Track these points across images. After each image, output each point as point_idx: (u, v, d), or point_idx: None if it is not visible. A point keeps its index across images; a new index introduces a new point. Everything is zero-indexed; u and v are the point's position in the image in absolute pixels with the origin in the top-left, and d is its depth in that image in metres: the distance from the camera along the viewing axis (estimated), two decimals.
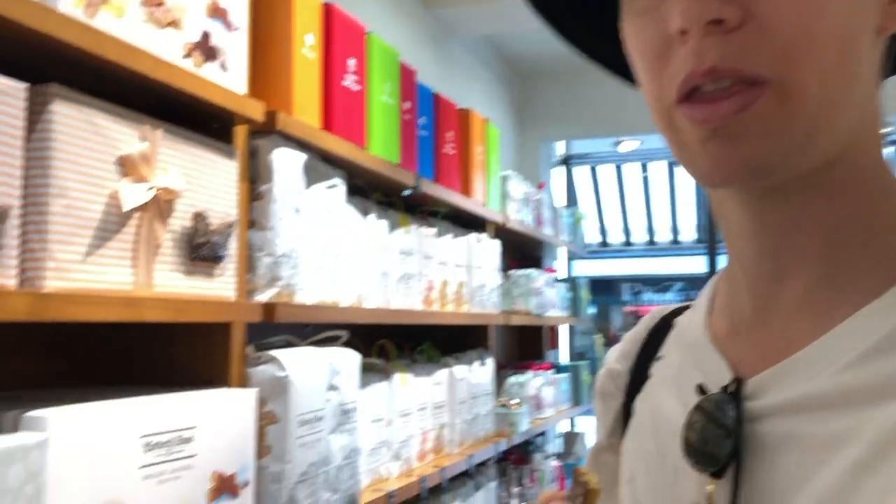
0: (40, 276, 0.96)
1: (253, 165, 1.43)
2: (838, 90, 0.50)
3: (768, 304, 0.57)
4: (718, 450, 0.53)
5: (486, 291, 2.58)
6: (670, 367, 0.65)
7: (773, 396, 0.53)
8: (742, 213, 0.56)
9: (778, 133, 0.48)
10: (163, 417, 1.09)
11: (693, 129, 0.50)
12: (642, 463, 0.63)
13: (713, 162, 0.50)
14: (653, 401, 0.65)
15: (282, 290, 1.43)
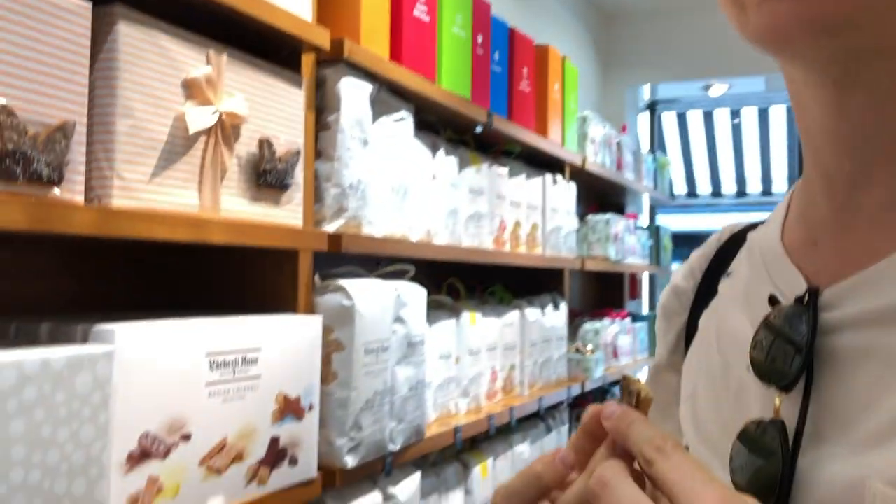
0: (108, 195, 0.98)
1: (320, 95, 1.43)
2: None
3: (848, 211, 0.52)
4: (787, 364, 0.50)
5: (562, 235, 2.54)
6: (740, 283, 0.61)
7: (850, 308, 0.49)
8: (820, 102, 0.51)
9: None
10: (228, 338, 1.12)
11: None
12: (705, 379, 0.61)
13: (768, 15, 0.45)
14: (720, 316, 0.62)
15: (349, 221, 1.43)
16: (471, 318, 1.97)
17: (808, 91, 0.51)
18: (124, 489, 0.96)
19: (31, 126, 0.85)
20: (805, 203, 0.57)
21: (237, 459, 1.14)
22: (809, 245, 0.55)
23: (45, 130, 0.87)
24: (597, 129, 2.89)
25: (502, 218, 2.14)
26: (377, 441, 1.43)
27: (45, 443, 0.84)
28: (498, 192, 2.12)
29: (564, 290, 2.63)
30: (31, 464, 0.83)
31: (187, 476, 1.06)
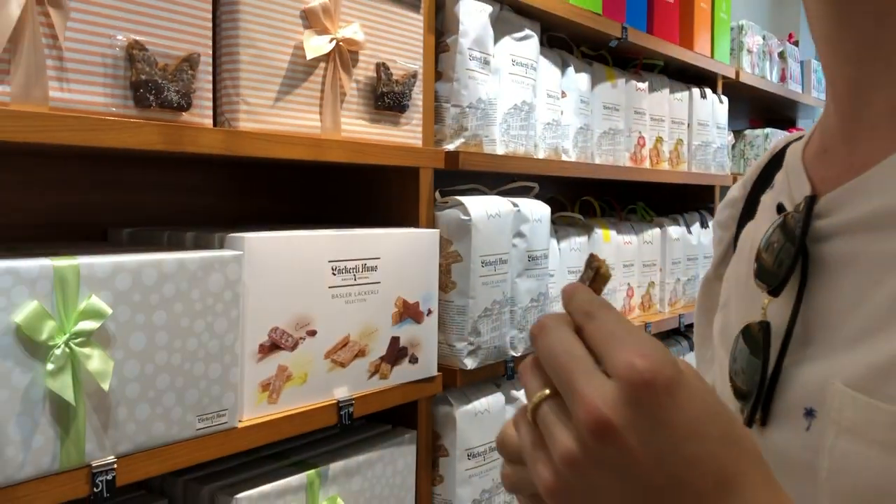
0: (235, 118, 1.11)
1: (440, 18, 1.48)
2: None
3: (852, 119, 0.53)
4: (778, 268, 0.53)
5: (711, 150, 2.46)
6: (775, 193, 0.63)
7: (842, 215, 0.51)
8: (823, 11, 0.52)
9: None
10: (349, 247, 1.23)
11: None
12: (735, 287, 0.63)
13: None
14: (756, 227, 0.64)
15: (469, 140, 1.50)
16: (604, 234, 1.99)
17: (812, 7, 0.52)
18: (257, 374, 1.12)
19: (161, 58, 0.98)
20: (824, 114, 0.58)
21: (360, 355, 1.27)
22: (821, 153, 0.56)
23: (174, 62, 1.00)
24: (754, 39, 2.74)
25: (640, 134, 2.12)
26: (498, 346, 1.52)
27: (184, 332, 1.00)
28: (636, 108, 2.10)
29: (714, 208, 2.56)
30: (172, 348, 0.99)
31: (314, 367, 1.20)
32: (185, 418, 1.00)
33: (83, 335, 0.88)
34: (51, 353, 0.85)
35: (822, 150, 0.57)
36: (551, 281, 1.74)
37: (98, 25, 0.92)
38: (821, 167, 0.56)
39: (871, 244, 0.48)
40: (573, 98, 1.84)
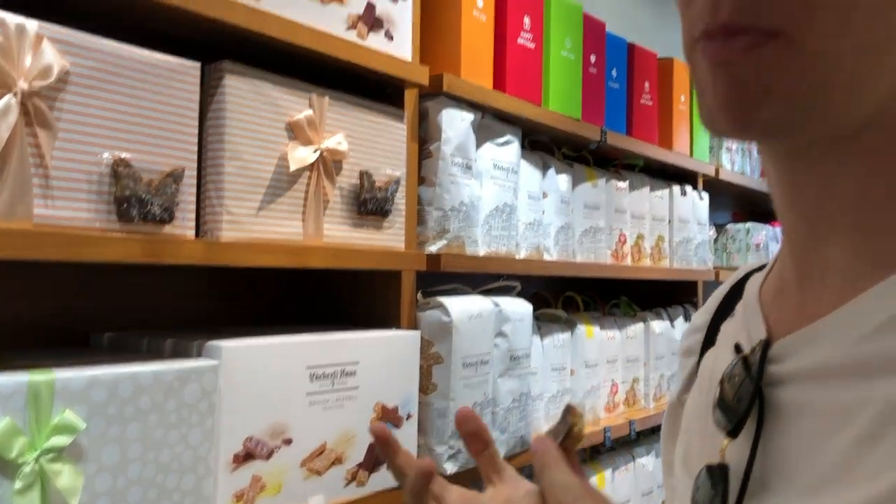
0: (218, 228, 1.13)
1: (423, 126, 1.53)
2: (866, 51, 0.46)
3: (806, 268, 0.55)
4: (735, 412, 0.54)
5: (692, 246, 2.50)
6: (734, 324, 0.65)
7: (794, 362, 0.52)
8: (778, 175, 0.54)
9: (784, 85, 0.46)
10: (328, 353, 1.24)
11: (706, 68, 0.47)
12: (696, 416, 0.64)
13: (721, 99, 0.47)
14: (717, 356, 0.65)
15: (450, 242, 1.53)
16: (587, 331, 2.00)
17: (769, 164, 0.55)
18: (230, 486, 1.11)
19: (146, 174, 1.01)
20: (780, 257, 0.60)
21: (337, 462, 1.26)
22: (778, 295, 0.58)
23: (158, 177, 1.02)
24: None
25: (622, 231, 2.15)
26: None
27: (158, 443, 1.00)
28: (617, 206, 2.14)
29: (698, 303, 2.58)
30: (146, 461, 0.98)
31: (289, 476, 1.19)
32: None
33: (54, 451, 0.88)
34: (20, 470, 0.85)
35: (778, 291, 0.59)
36: (534, 379, 1.74)
37: (85, 144, 0.95)
38: (776, 309, 0.58)
39: (821, 394, 0.49)
40: (554, 198, 1.88)
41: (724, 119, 0.48)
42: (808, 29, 0.44)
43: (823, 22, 0.44)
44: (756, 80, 0.46)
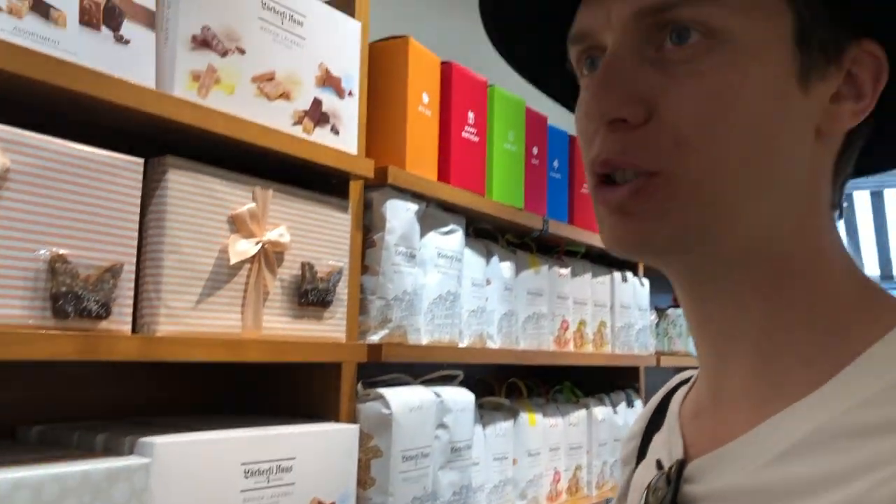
0: (155, 322, 1.12)
1: (367, 216, 1.55)
2: (746, 183, 0.51)
3: (717, 392, 0.59)
4: None
5: (634, 332, 2.55)
6: (661, 437, 0.67)
7: (705, 483, 0.54)
8: (688, 305, 0.59)
9: (667, 216, 0.51)
10: (263, 449, 1.22)
11: (599, 207, 0.55)
12: None
13: (612, 233, 0.54)
14: (645, 469, 0.67)
15: (393, 332, 1.53)
16: (530, 418, 2.01)
17: (681, 297, 0.59)
18: None
19: (83, 269, 1.00)
20: (698, 377, 0.63)
21: None
22: (694, 415, 0.61)
23: (96, 272, 1.02)
24: None
25: (564, 318, 2.19)
26: None
27: None
28: (560, 293, 2.18)
29: (640, 388, 2.62)
30: None
31: None
32: None
33: None
34: None
35: (695, 413, 0.62)
36: (475, 470, 1.73)
37: (23, 241, 0.95)
38: (693, 429, 0.60)
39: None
40: (498, 285, 1.91)
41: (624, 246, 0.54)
42: (684, 168, 0.50)
43: (696, 163, 0.50)
44: (647, 212, 0.52)
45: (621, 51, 0.52)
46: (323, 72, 1.40)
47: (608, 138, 0.52)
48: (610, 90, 0.51)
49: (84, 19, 1.03)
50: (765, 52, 0.50)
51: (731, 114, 0.50)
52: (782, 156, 0.52)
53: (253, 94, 1.27)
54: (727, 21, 0.49)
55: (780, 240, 0.53)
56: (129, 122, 1.14)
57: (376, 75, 1.59)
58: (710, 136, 0.50)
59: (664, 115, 0.50)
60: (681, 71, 0.50)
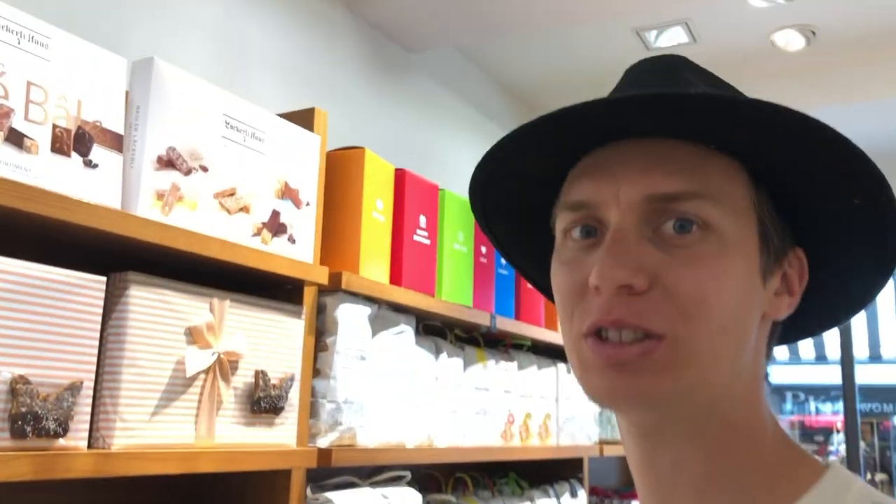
0: (111, 436, 1.14)
1: (320, 320, 1.60)
2: (725, 354, 0.60)
3: None
4: None
5: (578, 422, 2.60)
6: None
7: None
8: (637, 451, 0.65)
9: (669, 375, 0.58)
10: None
11: (596, 358, 0.60)
12: None
13: (606, 384, 0.60)
14: None
15: (343, 434, 1.56)
16: None
17: (625, 434, 0.65)
18: None
19: (43, 388, 1.03)
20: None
21: None
22: None
23: (55, 391, 1.04)
24: None
25: (510, 411, 2.24)
26: None
27: None
28: (505, 387, 2.23)
29: (583, 478, 2.66)
30: None
31: None
32: None
33: None
34: None
35: None
36: None
37: None
38: None
39: None
40: (446, 382, 1.96)
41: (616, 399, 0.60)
42: (688, 335, 0.58)
43: (697, 332, 0.58)
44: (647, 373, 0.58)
45: (627, 226, 0.59)
46: (282, 185, 1.47)
47: (614, 301, 0.58)
48: (619, 260, 0.58)
49: (55, 147, 1.08)
50: (744, 247, 0.60)
51: (724, 293, 0.58)
52: (747, 333, 0.61)
53: (215, 209, 1.32)
54: (720, 219, 0.59)
55: (730, 404, 0.62)
56: (94, 241, 1.18)
57: (333, 184, 1.66)
58: (707, 310, 0.58)
59: (666, 286, 0.58)
60: (682, 254, 0.58)
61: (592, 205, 0.62)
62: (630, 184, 0.60)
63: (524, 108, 3.62)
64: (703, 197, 0.58)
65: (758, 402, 0.64)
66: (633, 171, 0.60)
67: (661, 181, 0.59)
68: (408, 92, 2.83)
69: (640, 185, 0.59)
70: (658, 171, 0.59)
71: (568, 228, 0.64)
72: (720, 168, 0.60)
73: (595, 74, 3.30)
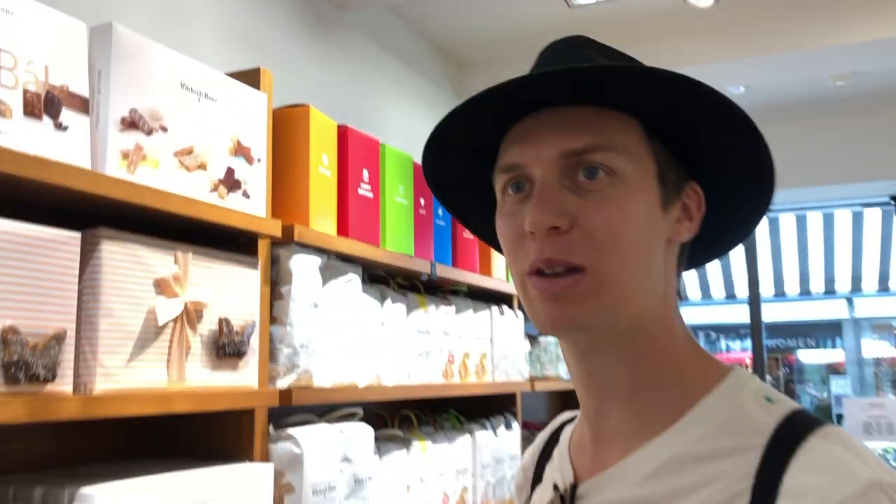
0: (91, 381, 1.23)
1: (274, 271, 1.69)
2: (636, 276, 0.73)
3: (598, 432, 0.80)
4: None
5: (511, 360, 2.78)
6: (553, 466, 0.87)
7: (593, 499, 0.76)
8: (575, 364, 0.79)
9: (593, 301, 0.71)
10: (191, 491, 1.34)
11: (537, 293, 0.73)
12: None
13: (547, 314, 0.72)
14: (542, 493, 0.87)
15: (300, 376, 1.68)
16: (421, 447, 2.19)
17: (567, 354, 0.79)
18: None
19: (31, 338, 1.11)
20: (580, 419, 0.84)
21: None
22: (581, 448, 0.82)
23: (43, 340, 1.12)
24: None
25: (450, 352, 2.39)
26: None
27: None
28: (445, 329, 2.37)
29: (517, 412, 2.85)
30: None
31: None
32: None
33: None
34: None
35: (580, 446, 0.82)
36: (374, 498, 1.89)
37: None
38: (580, 459, 0.81)
39: None
40: (391, 326, 2.08)
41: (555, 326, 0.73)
42: (601, 265, 0.71)
43: (609, 262, 0.72)
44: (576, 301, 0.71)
45: (549, 180, 0.72)
46: (235, 142, 1.54)
47: (546, 242, 0.71)
48: (545, 206, 0.70)
49: (27, 110, 1.14)
50: (644, 186, 0.73)
51: (629, 227, 0.71)
52: (653, 257, 0.74)
53: (175, 167, 1.40)
54: (622, 164, 0.72)
55: (647, 321, 0.75)
56: (67, 201, 1.25)
57: (280, 141, 1.74)
58: (617, 242, 0.71)
59: (584, 227, 0.71)
60: (593, 197, 0.71)
61: (521, 165, 0.74)
62: (548, 145, 0.73)
63: (453, 66, 3.71)
64: (605, 148, 0.71)
65: (670, 315, 0.77)
66: (549, 135, 0.73)
67: (572, 139, 0.72)
68: (343, 50, 2.89)
69: (556, 144, 0.72)
70: (568, 132, 0.72)
71: (504, 187, 0.77)
72: (618, 124, 0.73)
73: (521, 32, 3.42)
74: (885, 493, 0.61)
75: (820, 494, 0.62)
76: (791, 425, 0.69)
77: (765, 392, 0.74)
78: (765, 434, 0.69)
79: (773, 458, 0.66)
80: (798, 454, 0.66)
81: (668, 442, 0.72)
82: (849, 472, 0.63)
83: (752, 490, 0.66)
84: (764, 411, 0.71)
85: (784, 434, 0.68)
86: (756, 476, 0.66)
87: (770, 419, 0.70)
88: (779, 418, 0.70)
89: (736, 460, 0.68)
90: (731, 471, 0.67)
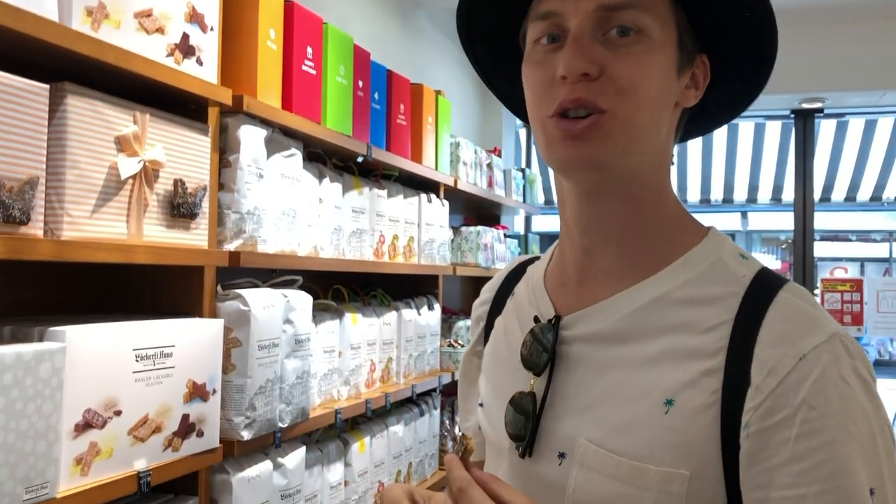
0: (59, 228, 1.29)
1: (223, 139, 1.75)
2: (648, 127, 0.82)
3: (585, 269, 0.88)
4: (539, 359, 0.85)
5: (436, 246, 2.92)
6: (519, 301, 0.97)
7: (577, 329, 0.85)
8: (577, 204, 0.87)
9: (609, 141, 0.80)
10: (150, 337, 1.44)
11: (558, 133, 0.80)
12: (495, 362, 0.96)
13: (568, 153, 0.80)
14: (506, 322, 0.97)
15: (246, 241, 1.77)
16: (352, 318, 2.32)
17: (571, 195, 0.87)
18: (72, 451, 1.28)
19: (7, 181, 1.16)
20: (561, 260, 0.92)
21: (157, 431, 1.46)
22: (561, 286, 0.91)
23: (18, 184, 1.18)
24: (468, 153, 3.29)
25: (381, 233, 2.50)
26: (269, 419, 1.77)
27: (18, 414, 1.16)
28: (378, 211, 2.48)
29: (439, 294, 3.01)
30: (8, 429, 1.14)
31: (119, 442, 1.37)
32: (14, 490, 1.15)
33: None
34: None
35: (561, 284, 0.91)
36: (311, 359, 2.03)
37: None
38: (561, 296, 0.90)
39: (593, 351, 0.83)
40: (328, 204, 2.18)
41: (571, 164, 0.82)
42: (622, 109, 0.79)
43: (628, 107, 0.80)
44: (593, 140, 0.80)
45: (584, 30, 0.79)
46: (190, 8, 1.57)
47: (577, 86, 0.79)
48: (579, 54, 0.78)
49: None
50: (665, 47, 0.81)
51: (648, 80, 0.80)
52: (663, 114, 0.83)
53: (135, 28, 1.43)
54: (650, 24, 0.80)
55: (647, 172, 0.84)
56: (36, 52, 1.27)
57: (231, 12, 1.77)
58: (636, 91, 0.79)
59: (612, 75, 0.79)
60: (622, 51, 0.79)
61: (557, 13, 0.81)
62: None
63: None
64: (637, 7, 0.79)
65: (666, 175, 0.87)
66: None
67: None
68: None
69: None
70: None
71: (538, 37, 0.83)
72: None
73: None
74: (841, 342, 0.75)
75: (793, 341, 0.73)
76: (764, 279, 0.80)
77: (738, 250, 0.86)
78: (742, 284, 0.79)
79: (751, 306, 0.76)
80: (773, 306, 0.76)
81: (657, 283, 0.82)
82: (817, 323, 0.75)
83: (731, 333, 0.75)
84: (741, 265, 0.82)
85: (759, 286, 0.78)
86: (734, 321, 0.76)
87: (747, 272, 0.81)
88: (753, 272, 0.81)
89: (716, 308, 0.78)
90: (712, 316, 0.77)
